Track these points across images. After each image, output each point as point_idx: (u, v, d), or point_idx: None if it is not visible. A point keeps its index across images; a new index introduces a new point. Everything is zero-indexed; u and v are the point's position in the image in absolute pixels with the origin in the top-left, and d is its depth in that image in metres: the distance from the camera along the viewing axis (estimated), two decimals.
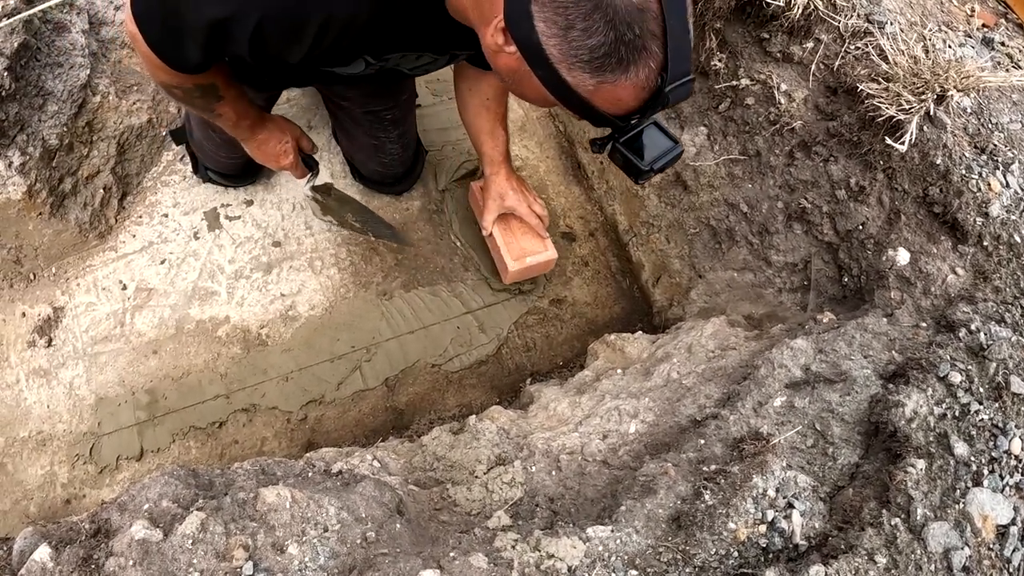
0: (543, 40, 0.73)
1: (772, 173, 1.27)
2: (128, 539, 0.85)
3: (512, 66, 0.81)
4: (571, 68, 0.74)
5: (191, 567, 0.85)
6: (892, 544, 0.89)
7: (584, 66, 0.73)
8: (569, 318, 1.64)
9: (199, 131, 1.52)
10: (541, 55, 0.74)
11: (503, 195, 1.51)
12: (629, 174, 0.85)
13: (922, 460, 0.95)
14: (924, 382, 1.01)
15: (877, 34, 1.19)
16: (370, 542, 0.96)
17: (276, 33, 0.89)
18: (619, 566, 0.91)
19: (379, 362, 1.58)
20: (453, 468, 1.26)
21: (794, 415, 1.07)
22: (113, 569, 0.83)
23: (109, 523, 0.93)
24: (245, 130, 1.28)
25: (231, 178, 1.67)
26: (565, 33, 0.72)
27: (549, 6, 0.72)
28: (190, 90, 1.08)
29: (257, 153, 1.36)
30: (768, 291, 1.31)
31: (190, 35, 0.92)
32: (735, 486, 0.93)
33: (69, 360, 1.59)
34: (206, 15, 0.88)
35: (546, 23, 0.73)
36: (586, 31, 0.71)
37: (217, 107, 1.14)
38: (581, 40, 0.72)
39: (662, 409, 1.20)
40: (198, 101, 1.12)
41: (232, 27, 0.88)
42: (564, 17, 0.71)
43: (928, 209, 1.16)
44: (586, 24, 0.71)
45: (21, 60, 1.45)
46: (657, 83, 0.74)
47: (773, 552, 0.91)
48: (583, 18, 0.71)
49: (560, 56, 0.74)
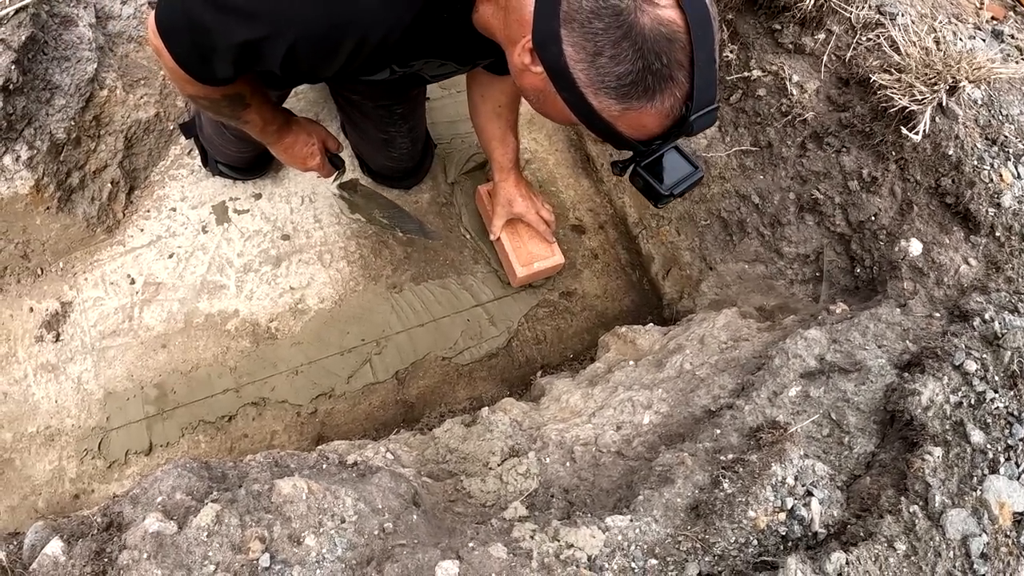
0: (571, 64, 0.74)
1: (784, 164, 1.27)
2: (142, 532, 0.84)
3: (538, 86, 0.81)
4: (597, 93, 0.74)
5: (206, 559, 0.84)
6: (911, 531, 0.89)
7: (611, 92, 0.74)
8: (579, 311, 1.64)
9: (209, 125, 1.52)
10: (568, 78, 0.75)
11: (512, 201, 1.53)
12: (649, 198, 0.86)
13: (939, 448, 0.95)
14: (940, 371, 1.01)
15: (889, 25, 1.20)
16: (388, 533, 0.96)
17: (310, 55, 0.89)
18: (638, 555, 0.91)
19: (389, 355, 1.58)
20: (466, 460, 1.26)
21: (809, 405, 1.07)
22: (127, 562, 0.82)
23: (121, 516, 0.92)
24: (272, 135, 1.27)
25: (241, 171, 1.66)
26: (593, 59, 0.73)
27: (578, 31, 0.72)
28: (217, 100, 1.07)
29: (284, 156, 1.35)
30: (779, 282, 1.32)
31: (219, 53, 0.91)
32: (754, 474, 0.94)
33: (77, 355, 1.58)
34: (237, 37, 0.87)
35: (574, 48, 0.73)
36: (614, 58, 0.72)
37: (244, 114, 1.14)
38: (609, 67, 0.72)
39: (676, 400, 1.20)
40: (225, 110, 1.12)
41: (264, 48, 0.88)
42: (593, 43, 0.72)
43: (940, 200, 1.16)
44: (615, 52, 0.71)
45: (28, 54, 1.45)
46: (682, 112, 0.75)
47: (792, 540, 0.92)
48: (612, 45, 0.71)
49: (587, 81, 0.74)
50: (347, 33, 0.86)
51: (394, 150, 1.59)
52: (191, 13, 0.89)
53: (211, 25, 0.87)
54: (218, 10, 0.86)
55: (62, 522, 0.93)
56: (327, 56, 0.89)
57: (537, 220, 1.53)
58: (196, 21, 0.88)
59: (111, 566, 0.83)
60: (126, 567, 0.81)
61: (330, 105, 1.76)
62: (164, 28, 0.93)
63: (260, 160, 1.65)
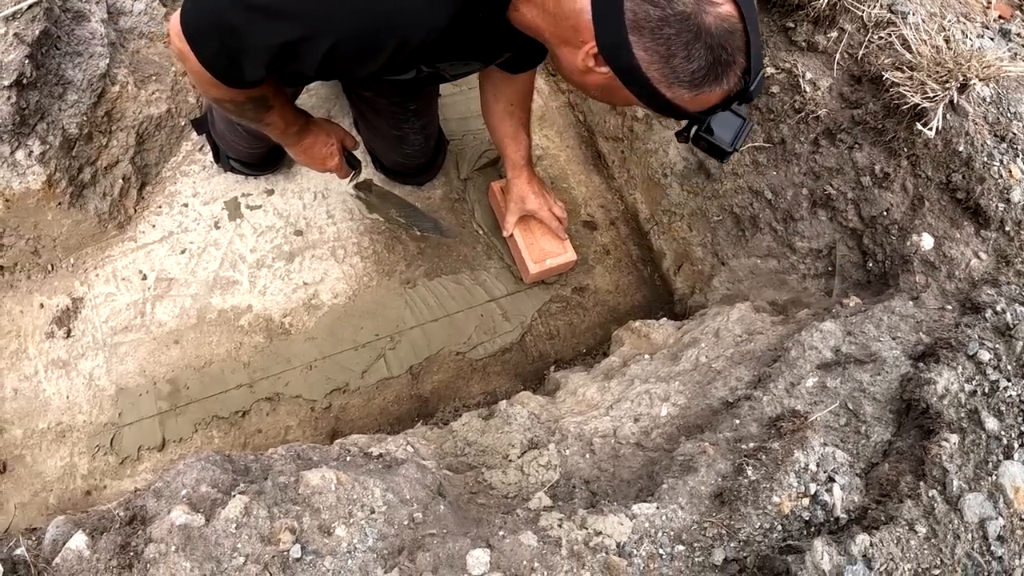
0: (643, 66, 0.80)
1: (797, 160, 1.30)
2: (168, 525, 0.84)
3: (602, 83, 0.88)
4: (671, 87, 0.81)
5: (235, 551, 0.84)
6: (931, 514, 0.91)
7: (684, 85, 0.81)
8: (591, 306, 1.66)
9: (222, 121, 1.52)
10: (640, 77, 0.81)
11: (524, 198, 1.55)
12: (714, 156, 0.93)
13: (955, 435, 0.98)
14: (954, 360, 1.04)
15: (900, 24, 1.22)
16: (417, 523, 0.97)
17: (350, 56, 0.89)
18: (666, 542, 0.93)
19: (403, 350, 1.59)
20: (485, 453, 1.27)
21: (826, 395, 1.10)
22: (154, 555, 0.82)
23: (144, 510, 0.92)
24: (292, 136, 1.27)
25: (253, 167, 1.66)
26: (667, 60, 0.79)
27: (649, 37, 0.78)
28: (242, 103, 1.07)
29: (303, 157, 1.35)
30: (792, 277, 1.34)
31: (252, 55, 0.90)
32: (777, 461, 0.96)
33: (89, 351, 1.58)
34: (274, 39, 0.87)
35: (646, 52, 0.79)
36: (687, 58, 0.79)
37: (266, 117, 1.14)
38: (683, 65, 0.79)
39: (693, 392, 1.22)
40: (249, 112, 1.11)
41: (302, 49, 0.87)
42: (666, 47, 0.78)
43: (951, 195, 1.19)
44: (687, 52, 0.78)
45: (42, 48, 1.44)
46: (742, 84, 0.82)
47: (815, 525, 0.94)
48: (684, 47, 0.78)
49: (660, 78, 0.81)
50: (392, 34, 0.86)
51: (407, 147, 1.59)
52: (222, 15, 0.88)
53: (245, 27, 0.87)
54: (253, 11, 0.85)
55: (83, 516, 0.93)
56: (368, 57, 0.90)
57: (550, 217, 1.55)
58: (227, 23, 0.88)
59: (137, 559, 0.82)
60: (153, 560, 0.81)
61: (342, 101, 1.77)
62: (190, 30, 0.92)
63: (272, 156, 1.65)
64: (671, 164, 1.56)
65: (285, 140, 1.28)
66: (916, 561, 0.89)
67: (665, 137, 1.55)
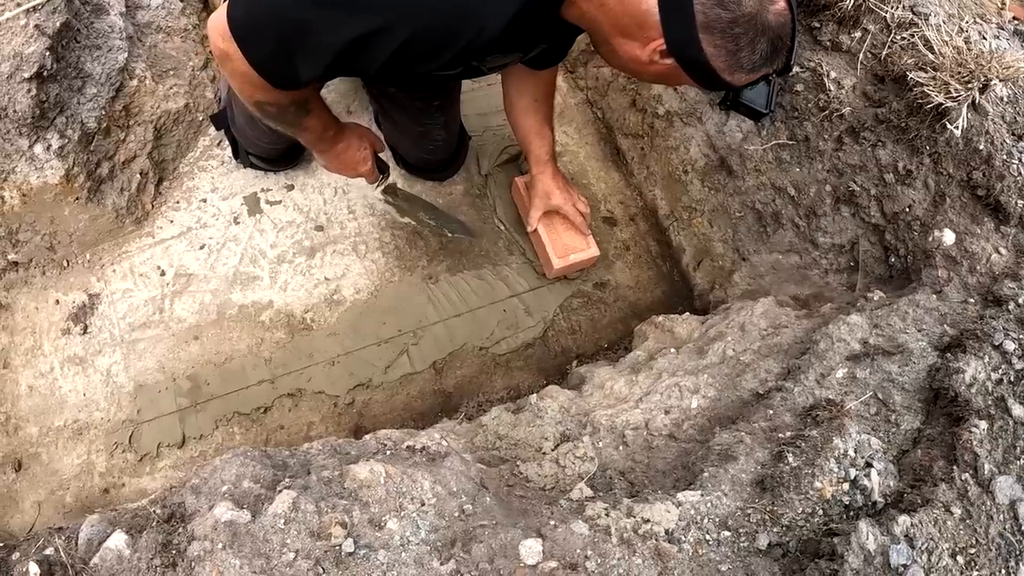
0: (710, 59, 0.88)
1: (821, 157, 1.33)
2: (212, 522, 0.83)
3: (664, 72, 0.94)
4: (734, 73, 0.89)
5: (285, 547, 0.83)
6: (964, 497, 0.95)
7: (744, 70, 0.89)
8: (612, 301, 1.68)
9: (241, 117, 1.51)
10: (705, 68, 0.89)
11: (550, 194, 1.56)
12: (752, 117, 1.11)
13: (984, 421, 1.01)
14: (980, 350, 1.07)
15: (922, 25, 1.26)
16: (468, 514, 0.97)
17: (419, 50, 0.89)
18: (712, 528, 0.96)
19: (426, 345, 1.59)
20: (517, 446, 1.28)
21: (856, 385, 1.13)
22: (198, 553, 0.80)
23: (183, 507, 0.91)
24: (328, 141, 1.26)
25: (273, 162, 1.66)
26: (734, 54, 0.87)
27: (719, 36, 0.85)
28: (284, 107, 1.05)
29: (335, 163, 1.34)
30: (814, 272, 1.37)
31: (314, 53, 0.89)
32: (817, 448, 0.99)
33: (106, 347, 1.56)
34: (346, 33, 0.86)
35: (715, 48, 0.86)
36: (753, 51, 0.87)
37: (305, 121, 1.13)
38: (748, 56, 0.87)
39: (723, 384, 1.25)
40: (288, 116, 1.10)
41: (373, 42, 0.86)
42: (735, 43, 0.86)
43: (972, 192, 1.23)
44: (753, 46, 0.86)
45: (62, 41, 1.43)
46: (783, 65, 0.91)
47: (854, 509, 0.97)
48: (751, 42, 0.86)
49: (725, 67, 0.88)
50: (468, 27, 0.87)
51: (430, 143, 1.60)
52: (283, 12, 0.86)
53: (313, 21, 0.85)
54: (325, 5, 0.84)
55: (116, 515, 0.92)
56: (437, 53, 0.90)
57: (574, 212, 1.56)
58: (291, 19, 0.86)
59: (181, 558, 0.81)
60: (198, 558, 0.80)
61: (361, 96, 1.77)
62: (242, 31, 0.89)
63: (292, 151, 1.65)
64: (692, 161, 1.58)
65: (319, 145, 1.26)
66: (953, 541, 0.92)
67: (686, 134, 1.58)
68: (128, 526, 0.88)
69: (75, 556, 0.87)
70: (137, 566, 0.81)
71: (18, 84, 1.32)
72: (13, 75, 1.31)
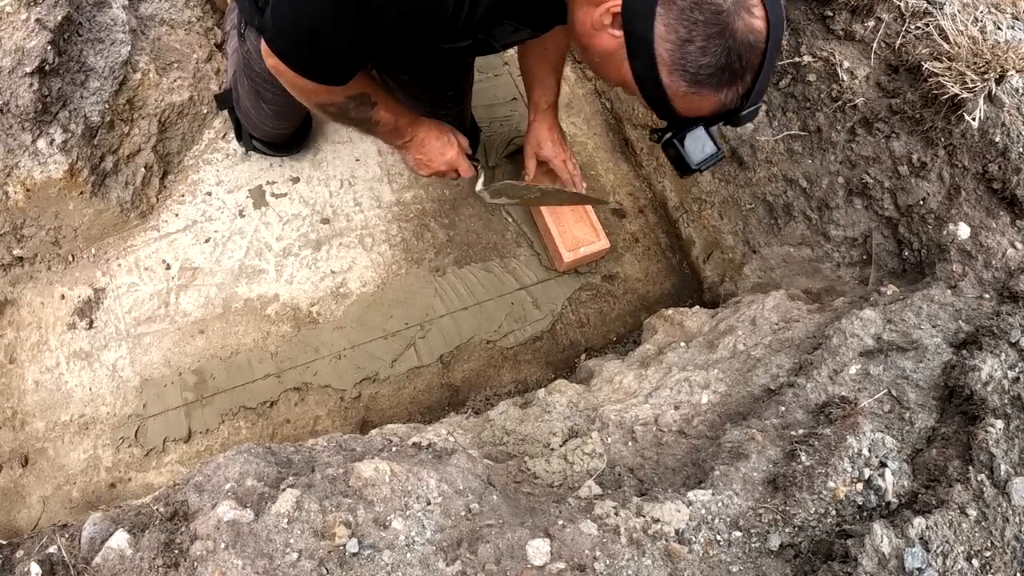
0: (657, 41, 0.78)
1: (833, 149, 1.31)
2: (214, 521, 0.82)
3: (607, 48, 0.85)
4: (672, 72, 0.80)
5: (288, 547, 0.82)
6: (980, 498, 0.93)
7: (686, 76, 0.79)
8: (621, 294, 1.67)
9: (248, 99, 1.49)
10: (648, 51, 0.79)
11: (541, 143, 1.53)
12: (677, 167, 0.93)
13: (1000, 420, 1.00)
14: (996, 348, 1.06)
15: (937, 14, 1.23)
16: (474, 514, 0.96)
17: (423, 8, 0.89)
18: (723, 528, 0.94)
19: (433, 339, 1.59)
20: (525, 441, 1.27)
21: (870, 382, 1.11)
22: (201, 553, 0.79)
23: (186, 505, 0.89)
24: (404, 129, 1.26)
25: (277, 148, 1.64)
26: (683, 44, 0.77)
27: (676, 14, 0.76)
28: (344, 104, 1.09)
29: (419, 156, 1.33)
30: (826, 265, 1.35)
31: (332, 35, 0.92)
32: (830, 447, 0.97)
33: (112, 342, 1.56)
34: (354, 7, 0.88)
35: (667, 28, 0.77)
36: (703, 50, 0.77)
37: (373, 114, 1.15)
38: (695, 55, 0.77)
39: (733, 379, 1.23)
40: (353, 112, 1.12)
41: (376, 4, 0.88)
42: (687, 30, 0.76)
43: (987, 185, 1.20)
44: (705, 44, 0.77)
45: (64, 34, 1.41)
46: (736, 105, 0.81)
47: (868, 510, 0.95)
48: (705, 38, 0.76)
49: (668, 60, 0.79)
50: None
51: None
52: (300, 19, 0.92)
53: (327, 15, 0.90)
54: None
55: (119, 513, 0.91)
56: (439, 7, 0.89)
57: (562, 168, 1.53)
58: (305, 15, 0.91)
59: (183, 558, 0.80)
60: (201, 558, 0.79)
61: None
62: (279, 47, 0.98)
63: (297, 137, 1.63)
64: None
65: (396, 137, 1.26)
66: (968, 544, 0.91)
67: None
68: (131, 524, 0.87)
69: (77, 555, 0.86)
70: (139, 566, 0.80)
71: (20, 79, 1.31)
72: (15, 70, 1.30)
